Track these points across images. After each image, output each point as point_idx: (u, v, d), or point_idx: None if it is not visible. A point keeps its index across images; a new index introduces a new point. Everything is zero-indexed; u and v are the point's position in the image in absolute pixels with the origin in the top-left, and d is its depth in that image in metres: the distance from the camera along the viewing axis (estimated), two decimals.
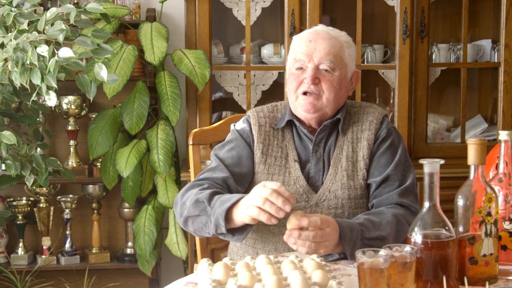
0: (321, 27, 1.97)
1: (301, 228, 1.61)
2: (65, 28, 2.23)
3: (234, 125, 2.04)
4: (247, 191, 1.95)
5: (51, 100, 2.30)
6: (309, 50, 1.90)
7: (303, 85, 1.90)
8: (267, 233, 1.91)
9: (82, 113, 3.38)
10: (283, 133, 1.97)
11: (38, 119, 2.92)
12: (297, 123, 1.96)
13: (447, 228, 1.41)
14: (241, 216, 1.66)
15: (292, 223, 1.61)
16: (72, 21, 2.30)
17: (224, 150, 1.97)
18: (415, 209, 1.85)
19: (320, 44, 1.90)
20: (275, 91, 3.34)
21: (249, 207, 1.62)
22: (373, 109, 1.99)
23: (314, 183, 1.92)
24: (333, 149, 1.94)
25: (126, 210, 3.42)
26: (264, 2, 3.27)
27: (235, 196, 1.70)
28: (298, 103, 1.92)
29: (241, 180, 1.93)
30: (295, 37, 1.99)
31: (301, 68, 1.92)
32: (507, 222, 1.56)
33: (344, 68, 1.92)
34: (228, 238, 1.75)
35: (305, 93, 1.90)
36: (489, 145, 1.61)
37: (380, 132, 1.94)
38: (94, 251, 3.45)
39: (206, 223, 1.75)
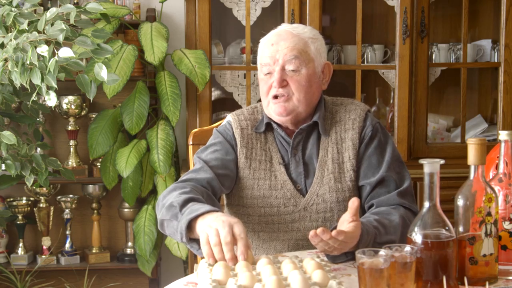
0: (284, 27, 1.94)
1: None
2: (65, 28, 2.23)
3: (217, 128, 2.02)
4: (232, 194, 1.96)
5: (51, 100, 2.30)
6: (272, 52, 1.89)
7: (272, 89, 1.89)
8: (267, 234, 1.90)
9: (82, 113, 3.38)
10: (266, 136, 1.96)
11: (38, 119, 2.92)
12: (275, 126, 1.94)
13: (447, 228, 1.41)
14: (198, 231, 1.60)
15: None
16: (72, 21, 2.30)
17: (208, 152, 1.94)
18: (415, 209, 1.85)
19: (282, 45, 1.88)
20: None
21: (202, 236, 1.56)
22: (354, 106, 1.96)
23: (298, 187, 1.91)
24: (316, 151, 1.92)
25: (126, 210, 3.42)
26: (264, 2, 3.27)
27: (204, 207, 1.63)
28: (271, 108, 1.90)
29: (225, 182, 1.90)
30: (260, 41, 1.97)
31: (269, 73, 1.90)
32: (507, 222, 1.56)
33: (311, 63, 1.89)
34: (193, 249, 1.68)
35: (275, 97, 1.88)
36: (489, 145, 1.60)
37: (365, 131, 1.92)
38: (94, 251, 3.45)
39: (176, 229, 1.68)
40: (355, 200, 1.60)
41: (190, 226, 1.62)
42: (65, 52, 2.22)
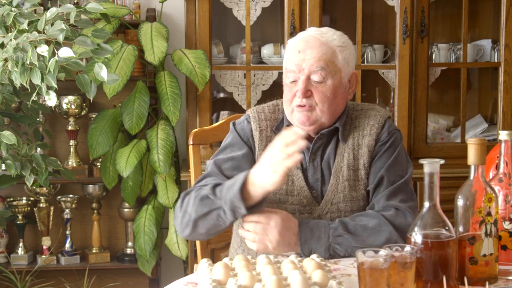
0: (312, 32, 1.87)
1: None
2: (65, 28, 2.23)
3: (234, 123, 1.97)
4: None
5: (51, 100, 2.30)
6: (298, 61, 1.83)
7: (296, 99, 1.84)
8: None
9: (82, 113, 3.38)
10: None
11: (38, 119, 2.92)
12: None
13: (447, 228, 1.41)
14: (264, 182, 1.63)
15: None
16: (72, 21, 2.30)
17: (224, 155, 1.90)
18: (404, 208, 1.78)
19: (309, 54, 1.82)
20: (275, 91, 3.33)
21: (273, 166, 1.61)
22: (375, 112, 1.91)
23: (314, 193, 1.87)
24: (333, 157, 1.88)
25: (126, 210, 3.42)
26: (264, 2, 3.27)
27: (240, 176, 1.66)
28: (294, 116, 1.85)
29: None
30: (288, 43, 1.91)
31: (294, 81, 1.85)
32: (507, 222, 1.56)
33: (338, 74, 1.84)
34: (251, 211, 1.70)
35: (299, 105, 1.84)
36: (489, 145, 1.60)
37: (380, 136, 1.88)
38: (94, 251, 3.45)
39: (219, 215, 1.69)
40: None
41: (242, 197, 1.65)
42: (65, 52, 2.22)
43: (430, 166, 1.40)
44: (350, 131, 1.89)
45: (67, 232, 3.46)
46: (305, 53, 1.82)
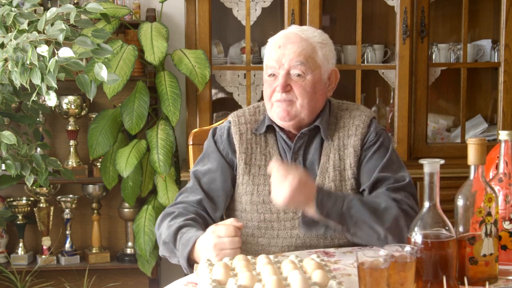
0: (293, 29, 1.90)
1: None
2: (65, 28, 2.23)
3: (214, 130, 2.00)
4: (232, 199, 1.95)
5: (51, 100, 2.30)
6: (278, 56, 1.85)
7: (276, 94, 1.85)
8: (266, 240, 1.90)
9: (82, 113, 3.38)
10: (266, 138, 1.93)
11: (38, 119, 2.92)
12: (276, 128, 1.91)
13: (447, 228, 1.41)
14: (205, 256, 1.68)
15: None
16: (72, 21, 2.29)
17: (201, 167, 1.95)
18: (406, 203, 1.78)
19: (289, 48, 1.84)
20: None
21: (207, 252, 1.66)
22: (359, 112, 1.92)
23: None
24: (318, 156, 1.89)
25: (126, 210, 3.42)
26: (264, 2, 3.27)
27: (190, 240, 1.71)
28: (274, 111, 1.87)
29: (216, 199, 1.91)
30: (269, 41, 1.93)
31: (273, 75, 1.86)
32: (507, 222, 1.56)
33: (317, 70, 1.85)
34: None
35: (278, 100, 1.85)
36: (489, 145, 1.60)
37: (367, 137, 1.88)
38: (94, 251, 3.45)
39: (179, 261, 1.78)
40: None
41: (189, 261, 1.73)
42: (65, 52, 2.22)
43: (430, 166, 1.40)
44: (335, 131, 1.90)
45: (67, 232, 3.46)
46: (285, 48, 1.85)
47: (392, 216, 1.73)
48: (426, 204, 1.41)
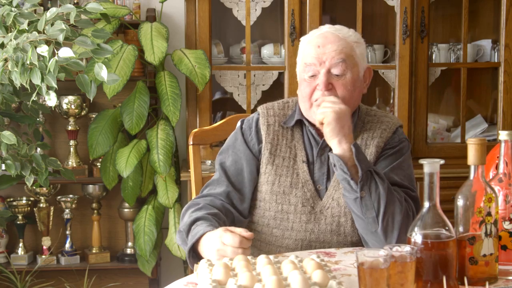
0: (328, 29, 1.92)
1: None
2: (65, 28, 2.23)
3: (242, 122, 2.02)
4: (253, 195, 1.96)
5: (51, 100, 2.30)
6: (319, 54, 1.86)
7: (316, 92, 1.86)
8: (280, 232, 1.90)
9: (82, 113, 3.38)
10: (292, 132, 1.95)
11: (38, 119, 2.92)
12: (306, 123, 1.93)
13: (447, 228, 1.41)
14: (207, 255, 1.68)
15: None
16: (72, 21, 2.30)
17: (227, 158, 1.96)
18: (412, 209, 1.80)
19: (329, 48, 1.86)
20: (275, 91, 3.34)
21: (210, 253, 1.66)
22: (388, 119, 1.95)
23: (318, 187, 1.89)
24: None
25: (126, 210, 3.42)
26: (264, 2, 3.27)
27: (197, 234, 1.71)
28: (313, 111, 1.87)
29: (243, 190, 1.93)
30: (302, 40, 1.94)
31: (313, 75, 1.87)
32: (507, 222, 1.56)
33: (355, 68, 1.88)
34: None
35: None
36: (489, 145, 1.60)
37: (390, 141, 1.91)
38: (94, 251, 3.45)
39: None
40: None
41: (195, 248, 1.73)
42: (65, 52, 2.22)
43: (430, 166, 1.40)
44: (360, 133, 1.92)
45: (67, 232, 3.46)
46: (325, 48, 1.86)
47: (398, 209, 1.75)
48: (426, 204, 1.41)
